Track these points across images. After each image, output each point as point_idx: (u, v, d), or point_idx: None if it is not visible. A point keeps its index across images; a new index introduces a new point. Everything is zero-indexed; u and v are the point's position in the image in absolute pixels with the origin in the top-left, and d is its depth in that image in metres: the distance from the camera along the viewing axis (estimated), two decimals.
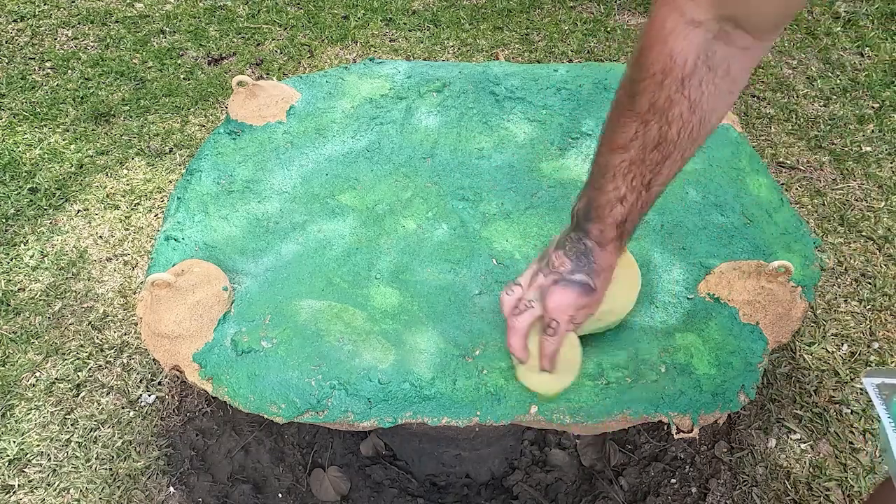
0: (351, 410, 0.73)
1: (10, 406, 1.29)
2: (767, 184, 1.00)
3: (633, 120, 0.62)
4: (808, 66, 2.19)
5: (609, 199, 0.66)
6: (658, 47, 0.58)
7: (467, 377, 0.76)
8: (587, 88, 1.18)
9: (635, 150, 0.63)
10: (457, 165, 1.06)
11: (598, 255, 0.69)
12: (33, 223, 1.65)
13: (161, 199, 1.72)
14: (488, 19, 2.41)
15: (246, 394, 0.75)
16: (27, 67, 2.14)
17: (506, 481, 1.22)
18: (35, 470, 1.21)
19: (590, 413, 0.73)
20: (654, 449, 1.27)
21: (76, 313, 1.45)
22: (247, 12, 2.43)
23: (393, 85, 1.19)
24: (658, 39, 0.58)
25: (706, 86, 0.59)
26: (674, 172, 0.65)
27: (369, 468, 1.23)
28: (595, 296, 0.71)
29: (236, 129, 1.09)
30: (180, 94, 2.05)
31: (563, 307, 0.70)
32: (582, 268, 0.70)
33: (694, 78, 0.58)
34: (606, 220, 0.67)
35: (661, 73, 0.59)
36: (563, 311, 0.70)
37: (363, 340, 0.79)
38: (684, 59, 0.58)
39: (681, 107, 0.60)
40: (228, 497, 1.19)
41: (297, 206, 0.98)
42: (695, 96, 0.59)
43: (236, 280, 0.86)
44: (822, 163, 1.83)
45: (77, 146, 1.86)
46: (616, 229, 0.67)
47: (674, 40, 0.58)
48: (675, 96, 0.59)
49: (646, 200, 0.66)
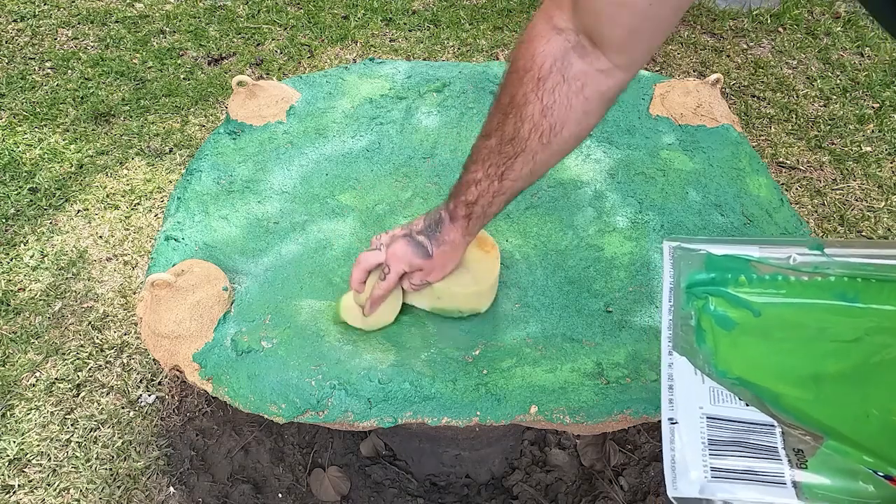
0: (351, 410, 0.73)
1: (10, 406, 1.29)
2: (767, 184, 1.01)
3: (497, 111, 0.67)
4: (808, 66, 2.19)
5: (468, 180, 0.71)
6: (525, 46, 0.63)
7: (467, 377, 0.76)
8: None
9: (495, 139, 0.67)
10: (457, 165, 1.05)
11: (445, 228, 0.75)
12: (33, 223, 1.65)
13: (161, 199, 1.72)
14: (488, 19, 2.41)
15: (246, 394, 0.75)
16: (27, 67, 2.14)
17: (506, 481, 1.22)
18: (35, 470, 1.21)
19: (590, 413, 0.73)
20: (654, 449, 1.27)
21: (76, 313, 1.45)
22: (247, 12, 2.43)
23: (393, 85, 1.19)
24: (527, 39, 0.63)
25: (559, 94, 0.62)
26: (526, 172, 0.68)
27: (369, 468, 1.23)
28: (431, 262, 0.77)
29: (236, 129, 1.09)
30: (180, 94, 2.05)
31: (397, 258, 0.77)
32: (428, 233, 0.76)
33: (548, 81, 0.62)
34: (460, 198, 0.73)
35: (522, 70, 0.63)
36: (396, 261, 0.77)
37: (363, 340, 0.79)
38: (542, 61, 0.62)
39: (534, 107, 0.63)
40: (228, 497, 1.19)
41: (297, 206, 0.98)
42: (547, 100, 0.63)
43: (236, 280, 0.86)
44: (822, 163, 1.83)
45: (77, 146, 1.86)
46: (465, 208, 0.73)
47: (538, 42, 0.62)
48: (530, 95, 0.63)
49: (497, 190, 0.70)
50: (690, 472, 0.34)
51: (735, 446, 0.34)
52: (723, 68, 2.18)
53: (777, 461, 0.33)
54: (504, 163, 0.68)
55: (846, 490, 0.32)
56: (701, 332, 0.43)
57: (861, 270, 0.41)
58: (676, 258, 0.46)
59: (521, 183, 0.70)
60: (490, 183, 0.70)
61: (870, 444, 0.33)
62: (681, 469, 0.35)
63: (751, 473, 0.33)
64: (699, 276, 0.45)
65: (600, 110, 0.65)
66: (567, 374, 0.76)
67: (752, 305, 0.43)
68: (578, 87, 0.62)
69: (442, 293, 0.81)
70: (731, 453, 0.34)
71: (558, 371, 0.76)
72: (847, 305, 0.41)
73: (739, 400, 0.37)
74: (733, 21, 2.42)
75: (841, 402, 0.37)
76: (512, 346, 0.80)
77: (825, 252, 0.42)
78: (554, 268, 0.90)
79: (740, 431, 0.35)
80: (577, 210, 0.98)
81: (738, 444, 0.34)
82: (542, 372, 0.76)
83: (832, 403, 0.37)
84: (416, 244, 0.76)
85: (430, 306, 0.84)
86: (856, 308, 0.41)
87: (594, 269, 0.90)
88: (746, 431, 0.35)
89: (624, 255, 0.91)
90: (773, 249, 0.44)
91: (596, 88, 0.62)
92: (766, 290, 0.43)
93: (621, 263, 0.90)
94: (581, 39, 0.61)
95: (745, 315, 0.43)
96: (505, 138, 0.66)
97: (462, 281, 0.81)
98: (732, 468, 0.33)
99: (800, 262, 0.42)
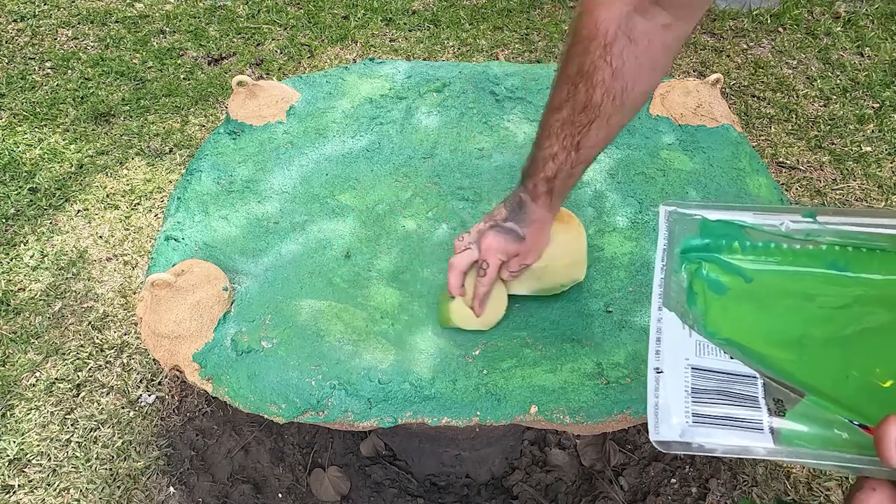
0: (351, 410, 0.73)
1: (10, 406, 1.29)
2: (767, 184, 1.00)
3: (565, 83, 0.68)
4: (808, 66, 2.19)
5: (543, 156, 0.72)
6: (586, 16, 0.65)
7: (467, 377, 0.76)
8: None
9: (567, 110, 0.68)
10: (457, 165, 1.06)
11: (530, 208, 0.76)
12: (33, 223, 1.65)
13: (161, 199, 1.72)
14: (488, 19, 2.41)
15: (246, 394, 0.75)
16: (27, 67, 2.14)
17: (506, 481, 1.22)
18: (35, 470, 1.21)
19: (590, 413, 0.73)
20: (654, 449, 1.27)
21: (76, 313, 1.45)
22: (247, 12, 2.43)
23: (393, 85, 1.19)
24: (587, 9, 0.65)
25: (627, 55, 0.64)
26: (602, 137, 0.70)
27: (369, 468, 1.23)
28: (524, 245, 0.77)
29: (236, 129, 1.09)
30: (180, 94, 2.05)
31: (492, 250, 0.77)
32: (514, 217, 0.77)
33: (616, 46, 0.64)
34: (539, 175, 0.73)
35: (587, 40, 0.65)
36: (492, 253, 0.77)
37: (363, 340, 0.79)
38: (606, 28, 0.64)
39: (604, 72, 0.65)
40: (228, 497, 1.19)
41: (297, 206, 0.98)
42: (616, 64, 0.64)
43: (236, 280, 0.86)
44: (822, 163, 1.83)
45: (77, 146, 1.86)
46: (546, 184, 0.74)
47: (598, 10, 0.64)
48: (598, 62, 0.65)
49: (575, 161, 0.71)
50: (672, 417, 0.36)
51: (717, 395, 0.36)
52: (723, 68, 2.18)
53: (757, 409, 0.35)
54: (579, 132, 0.69)
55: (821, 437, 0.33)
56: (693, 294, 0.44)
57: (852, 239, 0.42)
58: (672, 222, 0.46)
59: (597, 149, 0.71)
60: (567, 154, 0.70)
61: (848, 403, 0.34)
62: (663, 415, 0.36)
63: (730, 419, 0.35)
64: (694, 241, 0.45)
65: (667, 63, 0.67)
66: (567, 374, 0.76)
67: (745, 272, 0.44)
68: (645, 45, 0.64)
69: (541, 273, 0.82)
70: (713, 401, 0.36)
71: (558, 371, 0.76)
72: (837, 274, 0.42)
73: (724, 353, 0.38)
74: (733, 21, 2.42)
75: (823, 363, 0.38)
76: (512, 346, 0.80)
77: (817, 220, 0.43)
78: None
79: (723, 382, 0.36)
80: (577, 210, 0.98)
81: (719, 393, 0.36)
82: (542, 372, 0.76)
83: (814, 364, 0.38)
84: (506, 231, 0.77)
85: (531, 290, 0.84)
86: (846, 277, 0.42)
87: (594, 269, 0.90)
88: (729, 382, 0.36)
89: (624, 255, 0.91)
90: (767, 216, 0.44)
91: (661, 42, 0.65)
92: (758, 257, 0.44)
93: (621, 263, 0.90)
94: (642, 1, 0.63)
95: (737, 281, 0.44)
96: (577, 108, 0.67)
97: (555, 255, 0.82)
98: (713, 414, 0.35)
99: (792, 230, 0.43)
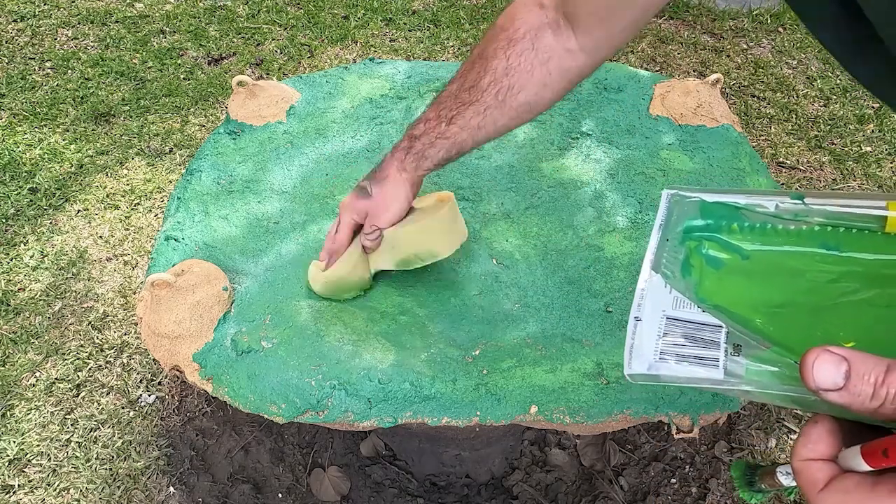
0: (351, 410, 0.73)
1: (10, 406, 1.29)
2: (767, 184, 1.01)
3: (468, 60, 0.72)
4: (808, 66, 2.20)
5: (420, 117, 0.75)
6: (509, 9, 0.70)
7: (467, 377, 0.76)
8: (587, 88, 1.18)
9: (457, 84, 0.72)
10: (457, 165, 1.06)
11: (384, 164, 0.78)
12: (33, 223, 1.65)
13: (161, 199, 1.72)
14: (488, 19, 2.41)
15: (246, 394, 0.75)
16: (27, 67, 2.14)
17: (506, 481, 1.22)
18: (35, 470, 1.21)
19: (590, 413, 0.73)
20: (654, 449, 1.27)
21: (76, 313, 1.45)
22: (247, 12, 2.43)
23: (393, 85, 1.19)
24: (513, 4, 0.70)
25: (524, 59, 0.68)
26: (475, 124, 0.71)
27: (369, 468, 1.24)
28: (373, 201, 0.78)
29: (236, 129, 1.09)
30: (180, 94, 2.05)
31: (345, 206, 0.80)
32: (369, 175, 0.79)
33: (519, 45, 0.68)
34: (407, 131, 0.76)
35: (500, 28, 0.69)
36: (344, 209, 0.80)
37: (363, 340, 0.79)
38: (519, 26, 0.68)
39: (499, 63, 0.68)
40: (228, 497, 1.19)
41: (297, 206, 0.98)
42: (512, 61, 0.68)
43: (236, 280, 0.86)
44: (822, 163, 1.83)
45: (77, 146, 1.86)
46: (408, 141, 0.76)
47: (521, 9, 0.69)
48: (499, 51, 0.68)
49: (442, 132, 0.73)
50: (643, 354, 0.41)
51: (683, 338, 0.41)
52: (723, 68, 2.18)
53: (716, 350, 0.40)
54: (457, 108, 0.71)
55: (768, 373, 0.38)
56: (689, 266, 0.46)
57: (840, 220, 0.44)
58: (672, 203, 0.49)
59: (465, 134, 0.72)
60: (438, 123, 0.73)
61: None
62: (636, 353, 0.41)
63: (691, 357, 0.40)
64: (695, 221, 0.48)
65: (559, 87, 0.70)
66: (567, 374, 0.76)
67: (742, 250, 0.47)
68: (544, 59, 0.68)
69: (395, 240, 0.80)
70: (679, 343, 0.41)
71: (558, 371, 0.76)
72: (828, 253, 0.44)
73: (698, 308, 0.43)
74: (733, 21, 2.42)
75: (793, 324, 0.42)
76: (512, 346, 0.80)
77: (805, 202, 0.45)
78: (554, 268, 0.90)
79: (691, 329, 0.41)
80: (577, 210, 0.98)
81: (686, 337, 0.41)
82: (542, 372, 0.76)
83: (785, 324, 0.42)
84: (359, 189, 0.80)
85: (393, 262, 0.82)
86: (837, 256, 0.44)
87: (594, 269, 0.90)
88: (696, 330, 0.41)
89: (624, 255, 0.91)
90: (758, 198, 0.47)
91: (559, 64, 0.68)
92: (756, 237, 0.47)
93: (621, 263, 0.90)
94: (558, 17, 0.67)
95: (735, 258, 0.47)
96: (465, 85, 0.71)
97: (410, 221, 0.80)
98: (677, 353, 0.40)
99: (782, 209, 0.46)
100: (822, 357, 0.31)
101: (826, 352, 0.31)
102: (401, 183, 0.77)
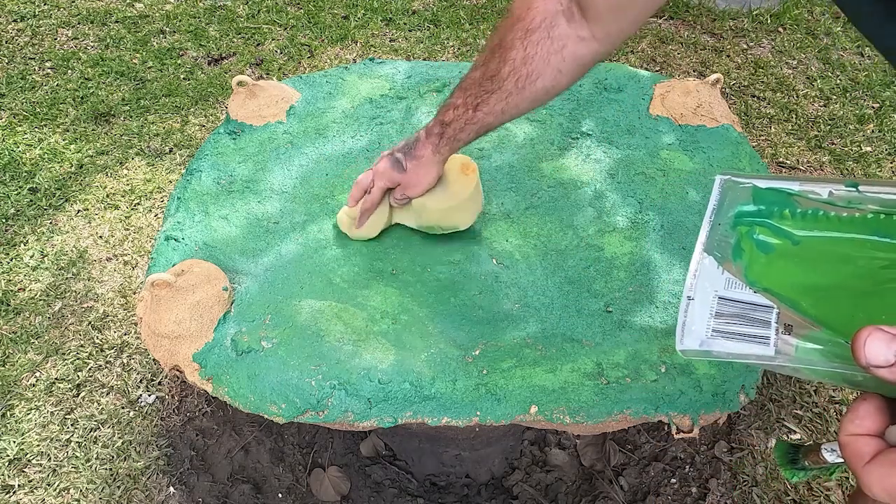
0: (351, 410, 0.73)
1: (10, 406, 1.29)
2: None
3: (487, 49, 0.75)
4: (808, 66, 2.20)
5: (448, 104, 0.80)
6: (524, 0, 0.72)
7: (467, 377, 0.76)
8: (587, 88, 1.18)
9: (479, 73, 0.75)
10: None
11: (419, 144, 0.83)
12: (33, 223, 1.65)
13: (161, 199, 1.72)
14: (488, 19, 2.41)
15: (246, 394, 0.75)
16: (27, 67, 2.14)
17: (506, 481, 1.22)
18: (35, 470, 1.21)
19: (590, 413, 0.73)
20: (654, 449, 1.27)
21: (76, 313, 1.45)
22: (247, 12, 2.43)
23: (393, 85, 1.19)
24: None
25: (541, 48, 0.71)
26: (499, 110, 0.76)
27: (369, 468, 1.24)
28: (406, 176, 0.85)
29: (236, 129, 1.09)
30: (180, 94, 2.05)
31: (379, 174, 0.86)
32: (405, 150, 0.85)
33: (535, 35, 0.70)
34: (438, 117, 0.81)
35: (516, 18, 0.71)
36: (379, 176, 0.86)
37: (363, 340, 0.79)
38: (534, 15, 0.70)
39: (517, 52, 0.71)
40: (228, 497, 1.19)
41: (297, 206, 0.98)
42: (530, 50, 0.71)
43: (236, 280, 0.86)
44: (822, 163, 1.83)
45: (77, 146, 1.86)
46: (440, 127, 0.81)
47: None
48: (516, 42, 0.71)
49: (470, 118, 0.78)
50: (695, 331, 0.42)
51: (735, 318, 0.43)
52: (723, 68, 2.18)
53: (767, 328, 0.42)
54: (481, 95, 0.75)
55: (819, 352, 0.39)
56: (739, 250, 0.48)
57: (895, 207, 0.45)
58: (725, 189, 0.50)
59: (492, 118, 0.77)
60: (465, 110, 0.77)
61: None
62: (688, 330, 0.43)
63: (742, 335, 0.42)
64: (747, 207, 0.49)
65: (573, 73, 0.73)
66: (567, 374, 0.76)
67: (794, 236, 0.48)
68: (559, 47, 0.70)
69: (421, 209, 0.89)
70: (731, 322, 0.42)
71: (558, 371, 0.76)
72: (881, 240, 0.45)
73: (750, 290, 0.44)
74: (733, 21, 2.42)
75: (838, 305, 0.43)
76: (512, 346, 0.80)
77: (859, 190, 0.46)
78: (554, 268, 0.90)
79: (743, 309, 0.43)
80: (577, 210, 0.98)
81: (738, 317, 0.43)
82: (542, 372, 0.76)
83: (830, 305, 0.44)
84: (394, 160, 0.85)
85: (415, 223, 0.92)
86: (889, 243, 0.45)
87: (594, 269, 0.90)
88: (748, 309, 0.43)
89: (624, 255, 0.91)
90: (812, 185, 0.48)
91: (573, 52, 0.71)
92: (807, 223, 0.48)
93: (621, 263, 0.90)
94: (572, 6, 0.69)
95: (785, 243, 0.48)
96: (487, 74, 0.74)
97: (438, 197, 0.88)
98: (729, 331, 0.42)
99: (835, 197, 0.46)
100: (874, 335, 0.32)
101: (878, 330, 0.33)
102: (434, 164, 0.85)
